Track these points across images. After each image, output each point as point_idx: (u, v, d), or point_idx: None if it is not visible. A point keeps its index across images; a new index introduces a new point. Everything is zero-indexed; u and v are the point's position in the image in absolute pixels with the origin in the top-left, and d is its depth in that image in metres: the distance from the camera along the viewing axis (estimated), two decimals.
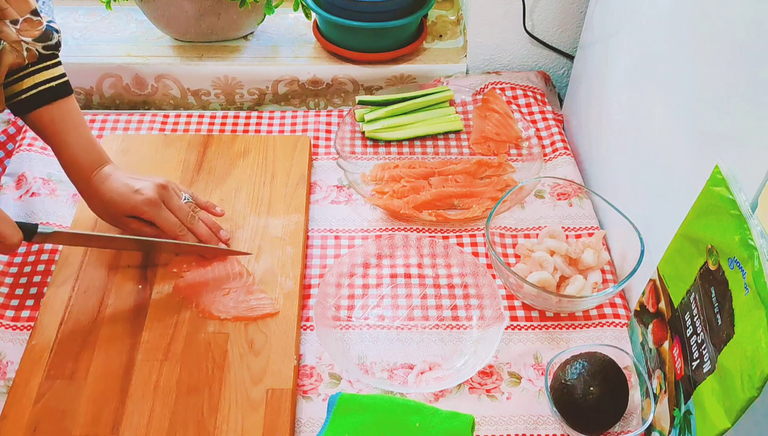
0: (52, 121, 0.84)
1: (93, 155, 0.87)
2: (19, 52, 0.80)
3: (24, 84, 0.81)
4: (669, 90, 0.80)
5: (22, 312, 0.87)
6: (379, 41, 1.19)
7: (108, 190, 0.87)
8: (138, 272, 0.89)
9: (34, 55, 0.82)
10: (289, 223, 0.95)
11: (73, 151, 0.86)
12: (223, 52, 1.23)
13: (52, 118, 0.84)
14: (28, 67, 0.82)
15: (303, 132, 1.13)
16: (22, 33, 0.80)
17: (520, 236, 0.98)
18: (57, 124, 0.84)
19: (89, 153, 0.87)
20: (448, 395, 0.81)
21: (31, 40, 0.81)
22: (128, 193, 0.87)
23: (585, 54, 1.09)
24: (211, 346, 0.82)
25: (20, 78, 0.81)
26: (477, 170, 1.05)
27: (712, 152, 0.68)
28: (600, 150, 1.03)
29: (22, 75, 0.82)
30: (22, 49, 0.80)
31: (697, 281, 0.67)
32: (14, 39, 0.79)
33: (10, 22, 0.80)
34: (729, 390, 0.60)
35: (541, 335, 0.87)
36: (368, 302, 0.90)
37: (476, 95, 1.17)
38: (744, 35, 0.64)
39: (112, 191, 0.87)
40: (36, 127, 0.85)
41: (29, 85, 0.82)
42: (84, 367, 0.80)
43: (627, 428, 0.79)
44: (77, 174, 0.87)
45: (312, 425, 0.79)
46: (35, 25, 0.82)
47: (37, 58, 0.82)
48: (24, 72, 0.82)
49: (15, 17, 0.80)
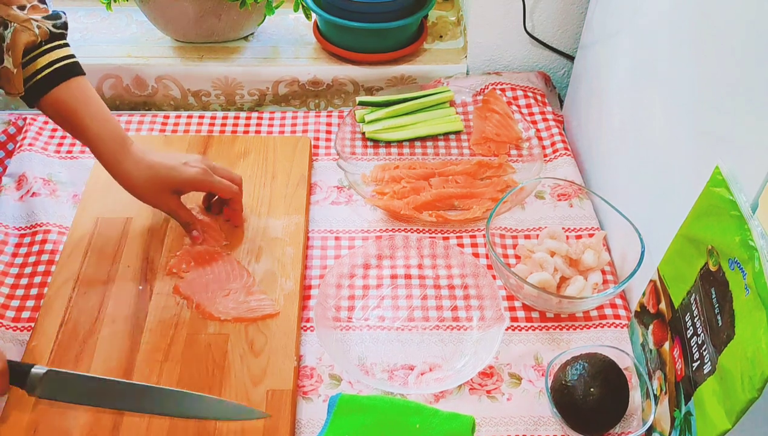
0: (74, 99, 0.83)
1: (119, 131, 0.86)
2: (31, 30, 0.79)
3: (39, 63, 0.81)
4: (669, 91, 0.80)
5: (22, 313, 0.87)
6: (379, 42, 1.19)
7: (155, 164, 0.86)
8: (138, 273, 0.89)
9: (46, 33, 0.81)
10: (289, 224, 0.95)
11: (99, 127, 0.84)
12: (223, 53, 1.23)
13: (74, 96, 0.83)
14: (41, 45, 0.81)
15: (303, 133, 1.13)
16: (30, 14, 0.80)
17: (521, 237, 0.98)
18: (79, 100, 0.83)
19: (116, 129, 0.86)
20: (449, 396, 0.81)
21: (40, 18, 0.81)
22: (178, 166, 0.87)
23: (585, 54, 1.09)
24: (212, 347, 0.82)
25: (35, 57, 0.81)
26: (477, 171, 1.05)
27: (713, 153, 0.68)
28: (600, 151, 1.03)
29: (36, 54, 0.81)
30: (33, 27, 0.79)
31: (697, 281, 0.67)
32: (23, 18, 0.79)
33: (18, 8, 0.80)
34: (729, 391, 0.59)
35: (541, 336, 0.87)
36: (368, 303, 0.90)
37: (476, 96, 1.17)
38: (744, 35, 0.64)
39: (160, 165, 0.86)
40: (57, 110, 0.83)
41: (45, 64, 0.81)
42: (84, 368, 0.80)
43: (627, 429, 0.79)
44: (109, 151, 0.85)
45: (312, 426, 0.79)
46: (42, 11, 0.82)
47: (49, 36, 0.82)
48: (38, 51, 0.81)
49: (22, 3, 0.81)
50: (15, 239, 0.95)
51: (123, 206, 0.96)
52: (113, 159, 0.85)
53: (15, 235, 0.95)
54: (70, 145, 1.08)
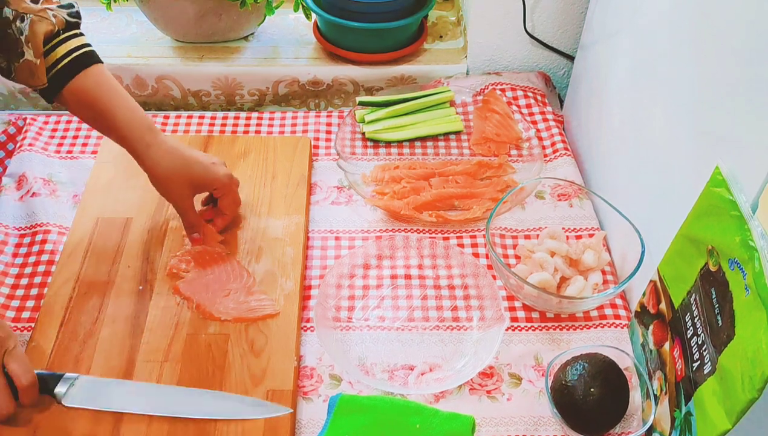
0: (97, 86, 0.82)
1: (147, 117, 0.85)
2: (48, 20, 0.79)
3: (58, 52, 0.81)
4: (669, 90, 0.80)
5: (22, 313, 0.87)
6: (379, 42, 1.19)
7: (188, 157, 0.86)
8: (138, 273, 0.89)
9: (62, 21, 0.81)
10: (289, 224, 0.95)
11: (127, 114, 0.83)
12: (223, 53, 1.23)
13: (97, 83, 0.82)
14: (59, 34, 0.81)
15: (303, 133, 1.13)
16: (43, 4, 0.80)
17: (521, 237, 0.98)
18: (102, 87, 0.83)
19: (144, 115, 0.85)
20: (449, 396, 0.81)
21: (55, 7, 0.81)
22: (209, 164, 0.88)
23: (585, 55, 1.09)
24: (212, 347, 0.82)
25: (53, 47, 0.81)
26: (477, 171, 1.05)
27: (713, 153, 0.68)
28: (600, 151, 1.03)
29: (55, 43, 0.81)
30: (49, 16, 0.80)
31: (697, 282, 0.67)
32: (38, 9, 0.79)
33: (30, 0, 0.80)
34: (730, 391, 0.59)
35: (541, 336, 0.87)
36: (368, 303, 0.90)
37: (476, 96, 1.17)
38: (744, 35, 0.64)
39: (193, 160, 0.86)
40: (81, 99, 0.83)
41: (64, 53, 0.81)
42: (84, 368, 0.80)
43: (627, 430, 0.79)
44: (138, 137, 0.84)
45: (312, 427, 0.79)
46: (54, 1, 0.82)
47: (65, 25, 0.82)
48: (56, 40, 0.81)
49: None
50: (15, 239, 0.95)
51: (123, 206, 0.96)
52: (142, 144, 0.84)
53: (15, 235, 0.95)
54: (70, 145, 1.08)
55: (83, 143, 1.09)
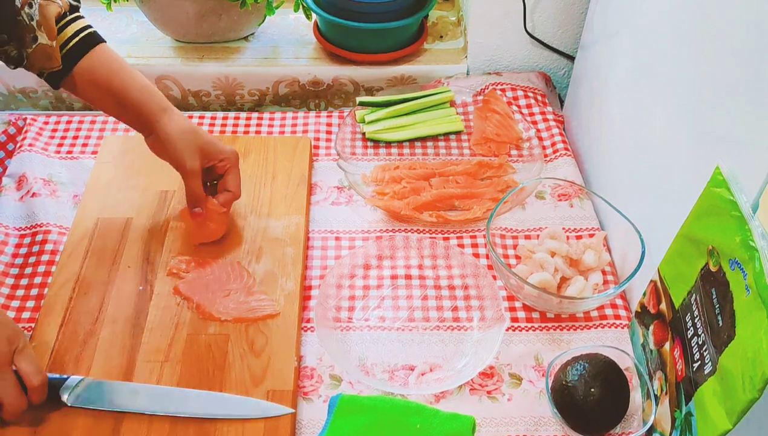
0: (107, 63, 0.84)
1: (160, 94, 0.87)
2: (56, 3, 0.81)
3: (67, 32, 0.82)
4: (669, 90, 0.80)
5: (22, 313, 0.87)
6: (379, 42, 1.19)
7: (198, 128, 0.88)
8: (139, 273, 0.89)
9: (67, 4, 0.83)
10: (289, 224, 0.95)
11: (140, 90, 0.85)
12: (223, 53, 1.23)
13: (107, 60, 0.84)
14: (66, 16, 0.82)
15: (303, 133, 1.13)
16: None
17: (521, 237, 0.98)
18: (113, 64, 0.84)
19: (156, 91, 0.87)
20: (449, 396, 0.81)
21: None
22: (216, 141, 0.90)
23: (586, 55, 1.09)
24: (212, 347, 0.82)
25: (62, 28, 0.82)
26: (477, 171, 1.05)
27: (713, 153, 0.68)
28: (601, 151, 1.03)
29: (63, 25, 0.82)
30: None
31: (698, 282, 0.67)
32: None
33: None
34: (730, 392, 0.59)
35: (541, 336, 0.87)
36: (369, 303, 0.90)
37: (477, 96, 1.17)
38: (744, 35, 0.64)
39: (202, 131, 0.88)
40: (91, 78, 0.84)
41: (72, 33, 0.82)
42: (84, 368, 0.80)
43: (628, 430, 0.79)
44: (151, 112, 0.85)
45: (313, 427, 0.79)
46: None
47: (71, 8, 0.83)
48: (63, 22, 0.82)
49: None
50: (15, 239, 0.95)
51: (123, 206, 0.96)
52: (153, 118, 0.86)
53: (15, 235, 0.95)
54: (70, 145, 1.08)
55: (83, 144, 1.09)
